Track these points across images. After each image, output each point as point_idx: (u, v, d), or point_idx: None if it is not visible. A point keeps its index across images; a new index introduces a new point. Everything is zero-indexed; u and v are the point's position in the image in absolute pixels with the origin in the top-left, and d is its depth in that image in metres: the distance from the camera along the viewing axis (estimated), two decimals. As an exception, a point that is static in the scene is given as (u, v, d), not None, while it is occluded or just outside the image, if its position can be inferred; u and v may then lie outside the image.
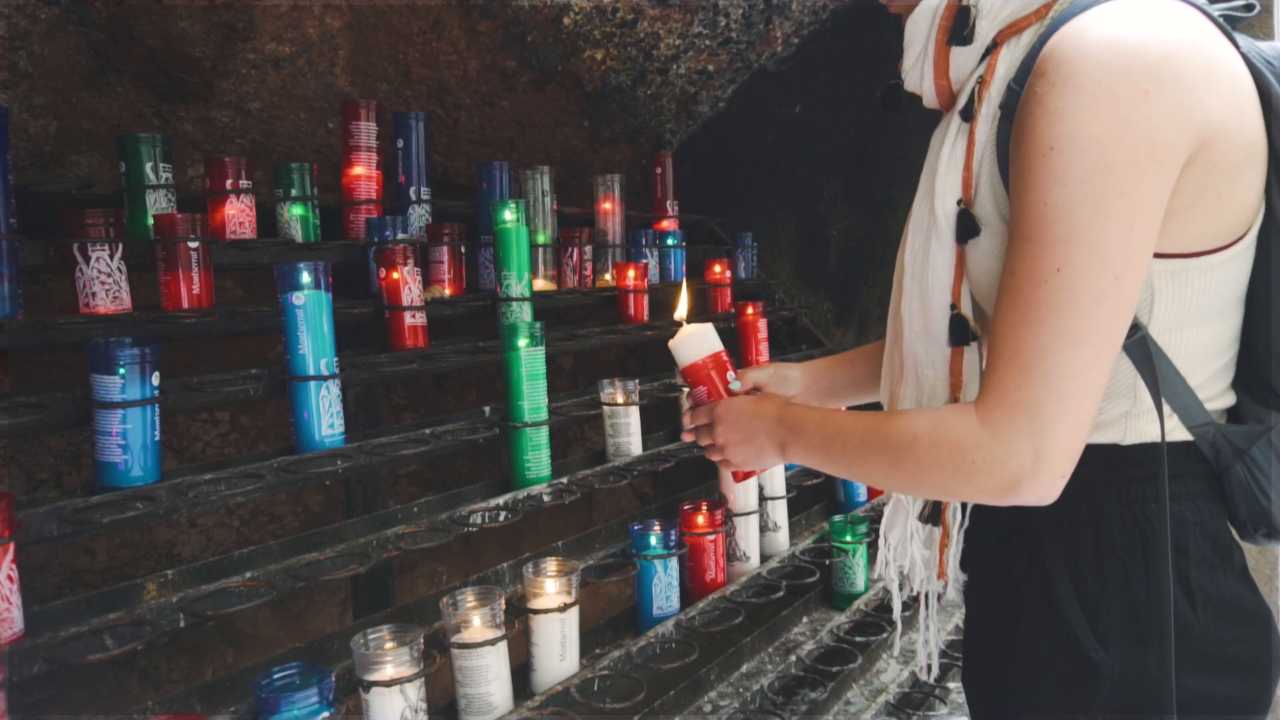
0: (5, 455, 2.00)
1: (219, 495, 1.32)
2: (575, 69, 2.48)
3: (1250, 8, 0.88)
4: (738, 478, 1.14)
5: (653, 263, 2.46)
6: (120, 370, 1.25)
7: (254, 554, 1.35)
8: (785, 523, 2.01)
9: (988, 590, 0.95)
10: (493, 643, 1.29)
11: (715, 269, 2.56)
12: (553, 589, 1.43)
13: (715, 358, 1.15)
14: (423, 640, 1.23)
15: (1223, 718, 0.85)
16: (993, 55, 0.86)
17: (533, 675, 1.43)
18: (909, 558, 1.05)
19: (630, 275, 2.27)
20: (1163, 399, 0.83)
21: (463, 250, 1.98)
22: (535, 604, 1.42)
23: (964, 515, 0.98)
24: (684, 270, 2.57)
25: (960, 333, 0.89)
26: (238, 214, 1.70)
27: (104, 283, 1.42)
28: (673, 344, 1.16)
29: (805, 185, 2.89)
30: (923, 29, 0.91)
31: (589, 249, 2.29)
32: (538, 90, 2.53)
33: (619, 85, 2.58)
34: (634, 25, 2.40)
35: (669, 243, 2.52)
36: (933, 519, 1.00)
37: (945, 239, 0.88)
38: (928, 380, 0.94)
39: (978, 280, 0.87)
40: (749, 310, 2.36)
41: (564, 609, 1.41)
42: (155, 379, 1.29)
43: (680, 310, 1.23)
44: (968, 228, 0.86)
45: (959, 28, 0.88)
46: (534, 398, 1.71)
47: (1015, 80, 0.82)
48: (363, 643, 1.21)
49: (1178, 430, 0.85)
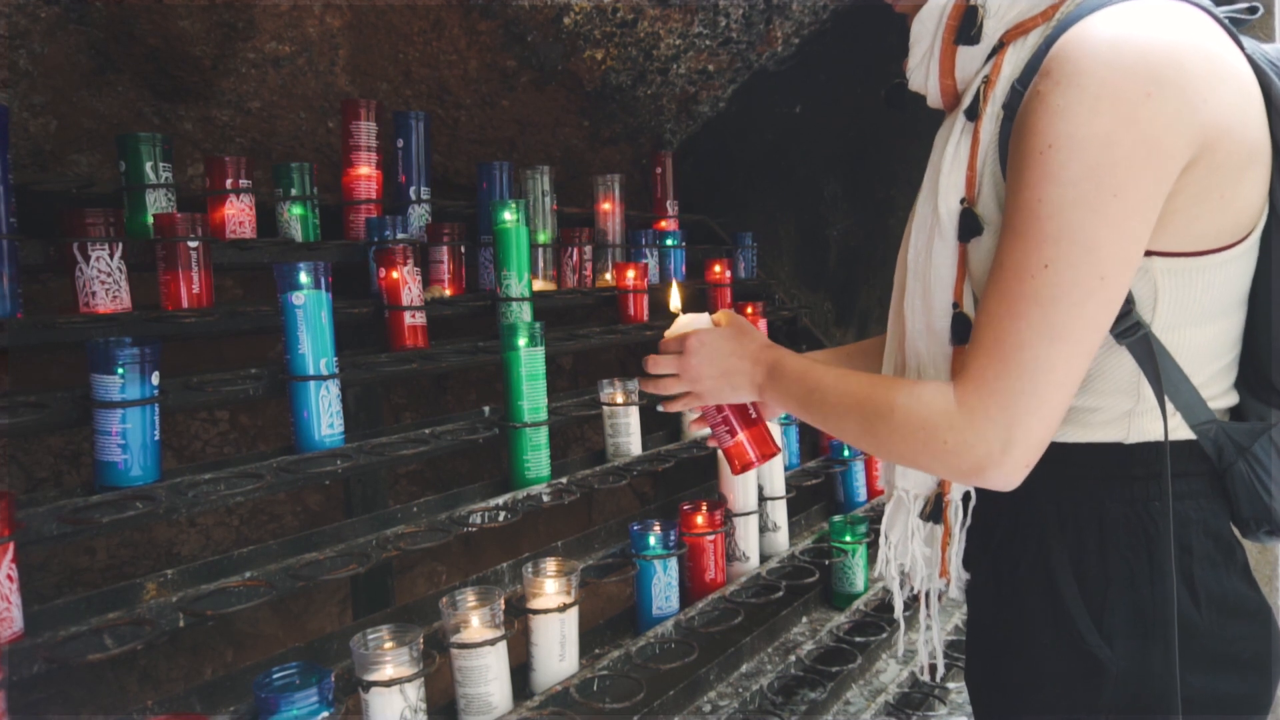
0: (5, 454, 2.00)
1: (219, 495, 1.32)
2: (575, 69, 2.48)
3: (1253, 10, 0.88)
4: (736, 470, 1.13)
5: (653, 263, 2.46)
6: (120, 370, 1.25)
7: (253, 554, 1.35)
8: (785, 523, 2.01)
9: (991, 589, 0.95)
10: (492, 643, 1.29)
11: (715, 269, 2.56)
12: (552, 589, 1.44)
13: None
14: (422, 640, 1.23)
15: (1225, 716, 0.85)
16: (999, 56, 0.87)
17: (532, 675, 1.43)
18: (910, 556, 1.05)
19: (630, 275, 2.27)
20: (1166, 397, 0.84)
21: (463, 250, 1.98)
22: (535, 604, 1.42)
23: (966, 513, 0.97)
24: (684, 270, 2.57)
25: (962, 331, 0.89)
26: (237, 213, 1.70)
27: (104, 282, 1.42)
28: (669, 335, 1.16)
29: (805, 185, 2.89)
30: (929, 28, 0.91)
31: (589, 249, 2.28)
32: (538, 90, 2.53)
33: (619, 85, 2.58)
34: (634, 25, 2.40)
35: (669, 243, 2.52)
36: (934, 517, 1.00)
37: (948, 238, 0.88)
38: (929, 378, 0.94)
39: (980, 279, 0.87)
40: (749, 310, 2.36)
41: (563, 609, 1.41)
42: (155, 378, 1.29)
43: (674, 302, 1.22)
44: (970, 226, 0.86)
45: (966, 27, 0.88)
46: (534, 398, 1.71)
47: (1020, 81, 0.82)
48: (362, 643, 1.21)
49: (1180, 429, 0.85)
